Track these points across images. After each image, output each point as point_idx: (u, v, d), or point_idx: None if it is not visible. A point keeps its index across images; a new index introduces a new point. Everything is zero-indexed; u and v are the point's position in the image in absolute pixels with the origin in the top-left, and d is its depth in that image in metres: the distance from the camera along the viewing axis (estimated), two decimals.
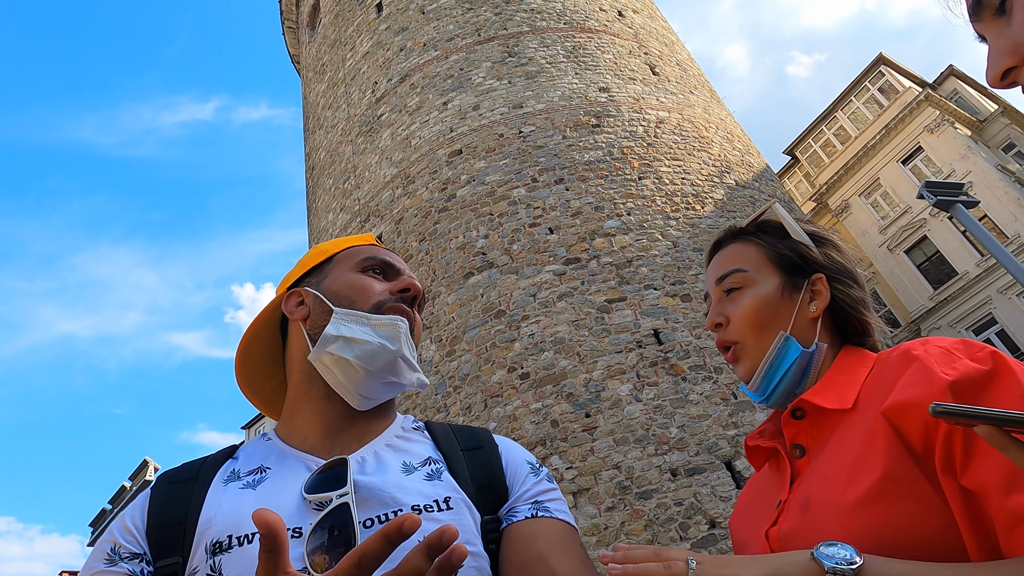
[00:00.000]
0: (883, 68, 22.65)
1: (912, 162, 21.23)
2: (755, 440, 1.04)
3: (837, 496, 0.82)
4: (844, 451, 0.85)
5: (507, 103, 11.21)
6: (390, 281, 1.01)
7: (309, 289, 1.00)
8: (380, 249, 1.05)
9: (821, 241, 1.09)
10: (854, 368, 0.96)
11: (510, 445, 1.01)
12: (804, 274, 1.05)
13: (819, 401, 0.92)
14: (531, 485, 0.94)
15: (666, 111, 11.49)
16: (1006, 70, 0.59)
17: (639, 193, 9.83)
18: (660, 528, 6.86)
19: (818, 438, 0.93)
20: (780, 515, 0.91)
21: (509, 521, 0.89)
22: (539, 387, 8.08)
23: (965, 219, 6.82)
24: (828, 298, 1.03)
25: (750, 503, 1.05)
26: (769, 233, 1.10)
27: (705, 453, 7.31)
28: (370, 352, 0.91)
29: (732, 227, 1.14)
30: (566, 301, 8.67)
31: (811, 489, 0.87)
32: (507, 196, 9.96)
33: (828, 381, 0.96)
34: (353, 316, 0.94)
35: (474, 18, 12.82)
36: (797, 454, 0.95)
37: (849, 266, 1.07)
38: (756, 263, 1.06)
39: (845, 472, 0.83)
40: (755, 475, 1.09)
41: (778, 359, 0.99)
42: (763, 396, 1.01)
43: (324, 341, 0.92)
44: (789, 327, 1.00)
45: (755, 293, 1.03)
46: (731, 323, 1.04)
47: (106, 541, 0.83)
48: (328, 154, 14.31)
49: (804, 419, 0.95)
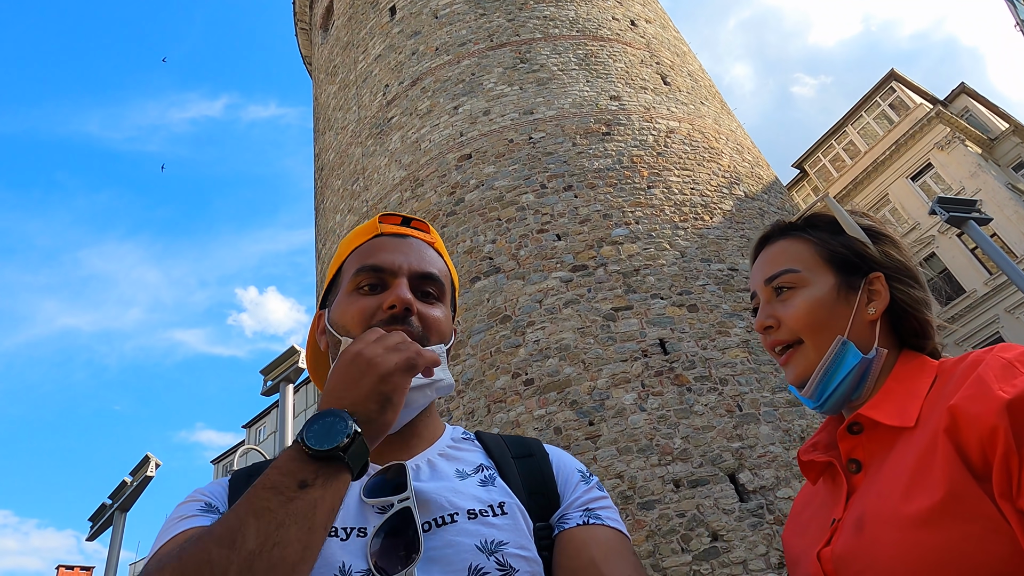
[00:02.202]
0: (894, 84, 22.63)
1: (921, 179, 21.17)
2: (809, 454, 0.99)
3: (893, 517, 0.77)
4: (903, 470, 0.80)
5: (518, 109, 11.22)
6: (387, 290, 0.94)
7: (327, 313, 1.00)
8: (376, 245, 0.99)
9: (878, 237, 1.02)
10: (915, 378, 0.90)
11: (560, 453, 1.01)
12: (860, 273, 0.98)
13: (878, 417, 0.87)
14: (582, 492, 0.94)
15: (677, 121, 11.48)
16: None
17: (648, 202, 9.81)
18: (662, 539, 6.81)
19: (876, 453, 0.88)
20: (834, 534, 0.86)
21: (561, 528, 0.89)
22: (543, 394, 8.04)
23: (977, 236, 6.78)
24: (887, 299, 0.97)
25: (803, 516, 0.99)
26: (821, 228, 1.03)
27: (709, 465, 7.25)
28: None
29: (780, 222, 1.08)
30: (572, 308, 8.64)
31: (867, 508, 0.82)
32: (515, 202, 9.95)
33: (887, 393, 0.90)
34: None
35: (487, 23, 12.85)
36: (853, 469, 0.90)
37: (910, 264, 1.01)
38: (808, 261, 1.00)
39: (902, 491, 0.78)
40: (807, 486, 1.04)
41: (835, 365, 0.93)
42: (818, 403, 0.96)
43: None
44: (847, 331, 0.94)
45: (809, 295, 0.97)
46: (783, 325, 0.98)
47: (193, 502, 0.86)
48: (337, 155, 14.34)
49: (861, 434, 0.90)
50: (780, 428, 7.67)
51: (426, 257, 0.99)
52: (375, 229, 1.02)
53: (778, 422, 7.71)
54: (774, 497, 7.08)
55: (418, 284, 0.95)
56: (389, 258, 0.96)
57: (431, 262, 0.99)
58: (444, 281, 1.00)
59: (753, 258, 1.09)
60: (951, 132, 20.69)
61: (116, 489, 8.46)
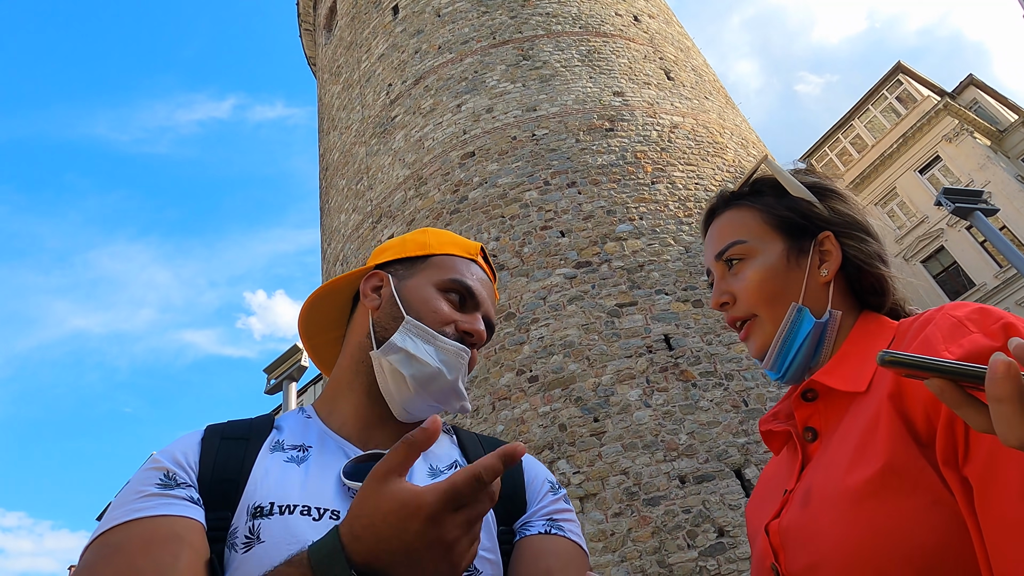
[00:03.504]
0: (901, 76, 22.46)
1: (930, 171, 21.01)
2: (768, 424, 0.95)
3: (836, 490, 0.74)
4: (850, 439, 0.77)
5: (521, 106, 11.20)
6: (465, 312, 0.98)
7: (391, 281, 0.99)
8: (474, 270, 1.03)
9: (824, 192, 0.97)
10: (871, 340, 0.87)
11: (533, 461, 1.01)
12: (810, 234, 0.94)
13: (830, 382, 0.84)
14: (549, 502, 0.94)
15: (680, 116, 11.43)
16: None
17: (652, 198, 9.78)
18: (667, 535, 6.78)
19: (831, 421, 0.84)
20: (783, 507, 0.84)
21: (523, 534, 0.89)
22: (547, 391, 8.03)
23: (984, 227, 6.71)
24: (839, 257, 0.93)
25: (763, 489, 0.97)
26: (765, 193, 0.99)
27: (714, 460, 7.22)
28: (427, 375, 0.91)
29: (724, 192, 1.04)
30: (576, 305, 8.62)
31: (814, 480, 0.80)
32: (519, 199, 9.94)
33: (843, 357, 0.87)
34: (421, 330, 0.93)
35: (489, 21, 12.84)
36: (809, 438, 0.87)
37: (859, 217, 0.96)
38: (755, 230, 0.96)
39: (846, 462, 0.75)
40: (772, 459, 1.00)
41: (791, 333, 0.90)
42: (779, 373, 0.93)
43: (388, 348, 0.92)
44: (800, 296, 0.91)
45: (759, 264, 0.94)
46: (738, 300, 0.95)
47: (155, 469, 0.79)
48: (342, 155, 14.37)
49: (816, 400, 0.87)
50: None
51: (492, 311, 1.05)
52: (475, 255, 1.06)
53: None
54: None
55: None
56: (481, 292, 1.01)
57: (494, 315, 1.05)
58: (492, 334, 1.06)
59: (704, 233, 1.06)
60: (959, 124, 20.52)
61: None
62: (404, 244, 1.05)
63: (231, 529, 0.77)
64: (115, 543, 0.70)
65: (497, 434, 7.98)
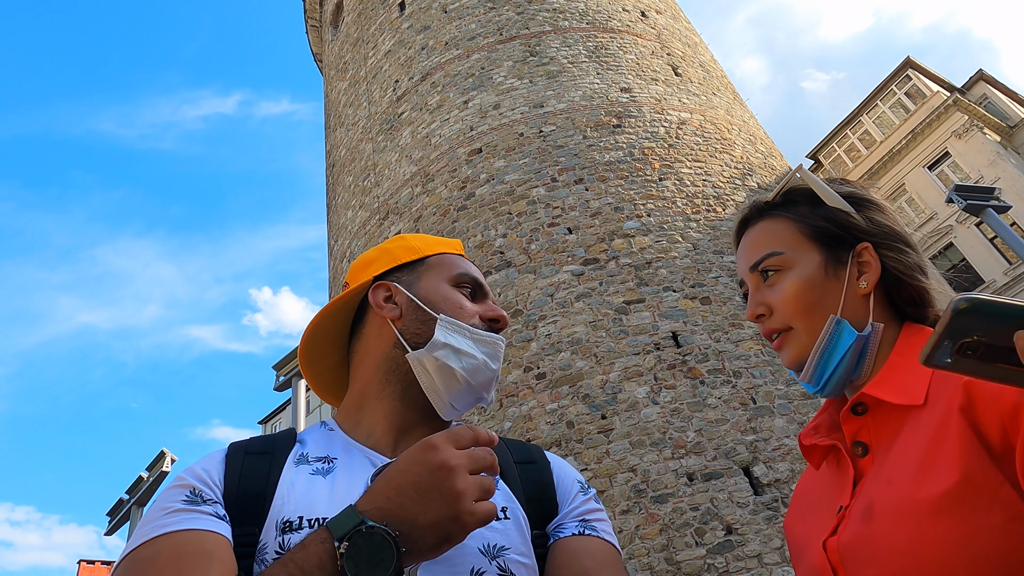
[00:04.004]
0: (910, 72, 22.30)
1: (939, 167, 20.87)
2: (811, 438, 0.93)
3: (905, 505, 0.72)
4: (913, 453, 0.76)
5: (528, 102, 11.18)
6: (478, 302, 1.01)
7: (401, 288, 0.99)
8: (471, 265, 1.06)
9: (861, 203, 0.95)
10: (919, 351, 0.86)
11: (561, 462, 1.01)
12: (847, 245, 0.92)
13: (884, 395, 0.82)
14: (580, 503, 0.94)
15: (688, 112, 11.38)
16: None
17: (659, 194, 9.75)
18: (675, 533, 6.77)
19: (883, 435, 0.82)
20: (840, 523, 0.81)
21: (556, 537, 0.89)
22: (555, 388, 8.03)
23: (995, 224, 6.66)
24: (879, 269, 0.91)
25: (806, 503, 0.94)
26: (800, 203, 0.97)
27: (722, 458, 7.21)
28: (475, 366, 0.93)
29: (757, 202, 1.02)
30: (584, 302, 8.61)
31: (875, 495, 0.77)
32: (526, 195, 9.92)
33: (891, 369, 0.85)
34: (456, 326, 0.94)
35: (496, 17, 12.81)
36: (859, 452, 0.85)
37: (897, 228, 0.94)
38: (791, 241, 0.94)
39: (912, 476, 0.73)
40: (809, 471, 0.98)
41: (830, 346, 0.88)
42: (817, 387, 0.91)
43: (433, 346, 0.92)
44: (839, 309, 0.89)
45: (796, 276, 0.92)
46: (774, 312, 0.93)
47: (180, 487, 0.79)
48: (348, 151, 14.37)
49: (866, 414, 0.85)
50: (795, 421, 7.60)
51: None
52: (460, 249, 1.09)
53: (793, 415, 7.64)
54: (789, 490, 7.02)
55: None
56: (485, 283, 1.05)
57: None
58: None
59: (736, 243, 1.04)
60: (969, 120, 20.37)
61: (133, 484, 8.58)
62: (392, 253, 1.05)
63: (260, 545, 0.77)
64: (145, 558, 0.70)
65: (504, 431, 7.98)
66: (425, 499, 0.67)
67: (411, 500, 0.67)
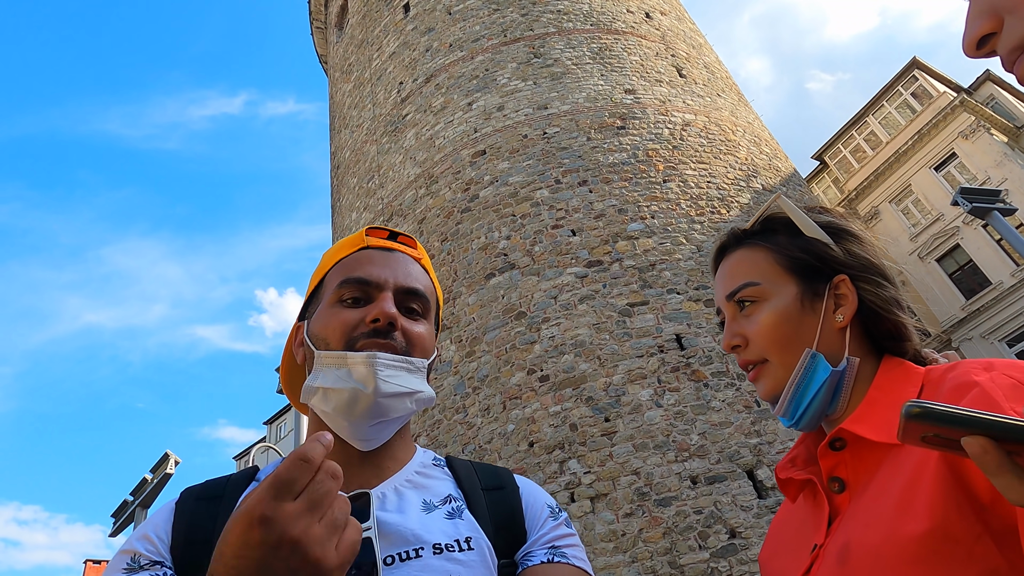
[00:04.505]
0: (917, 72, 22.19)
1: (945, 168, 20.76)
2: (787, 471, 0.92)
3: (883, 548, 0.70)
4: (890, 494, 0.74)
5: (532, 104, 11.17)
6: (372, 302, 0.92)
7: (305, 325, 0.96)
8: (363, 257, 0.97)
9: (840, 234, 0.94)
10: (899, 387, 0.83)
11: (531, 487, 0.98)
12: (825, 277, 0.91)
13: (862, 432, 0.81)
14: (549, 529, 0.91)
15: (692, 114, 11.36)
16: (982, 37, 0.52)
17: (664, 196, 9.73)
18: (679, 536, 6.76)
19: (861, 472, 0.81)
20: (814, 562, 0.80)
21: (525, 565, 0.86)
22: (558, 390, 8.02)
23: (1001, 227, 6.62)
24: (856, 302, 0.90)
25: (781, 537, 0.93)
26: (778, 232, 0.96)
27: (726, 461, 7.19)
28: (347, 400, 0.86)
29: (736, 229, 1.00)
30: (587, 304, 8.60)
31: (852, 536, 0.75)
32: (530, 197, 9.92)
33: (871, 404, 0.83)
34: (330, 358, 0.88)
35: (500, 19, 12.81)
36: (836, 489, 0.84)
37: (875, 260, 0.93)
38: (767, 272, 0.93)
39: (889, 519, 0.72)
40: (786, 504, 0.96)
41: (805, 380, 0.87)
42: (792, 420, 0.90)
43: (306, 393, 0.90)
44: (815, 342, 0.88)
45: (772, 308, 0.91)
46: (750, 343, 0.92)
47: (124, 553, 0.80)
48: (353, 153, 14.40)
49: (844, 450, 0.84)
50: None
51: (412, 272, 0.97)
52: (361, 242, 1.00)
53: None
54: None
55: (403, 299, 0.94)
56: (375, 271, 0.94)
57: (416, 278, 0.97)
58: (429, 297, 0.98)
59: (714, 269, 1.03)
60: (976, 120, 20.25)
61: (137, 486, 8.61)
62: (311, 282, 1.02)
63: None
64: None
65: (508, 433, 7.98)
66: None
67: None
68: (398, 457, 0.94)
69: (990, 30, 0.53)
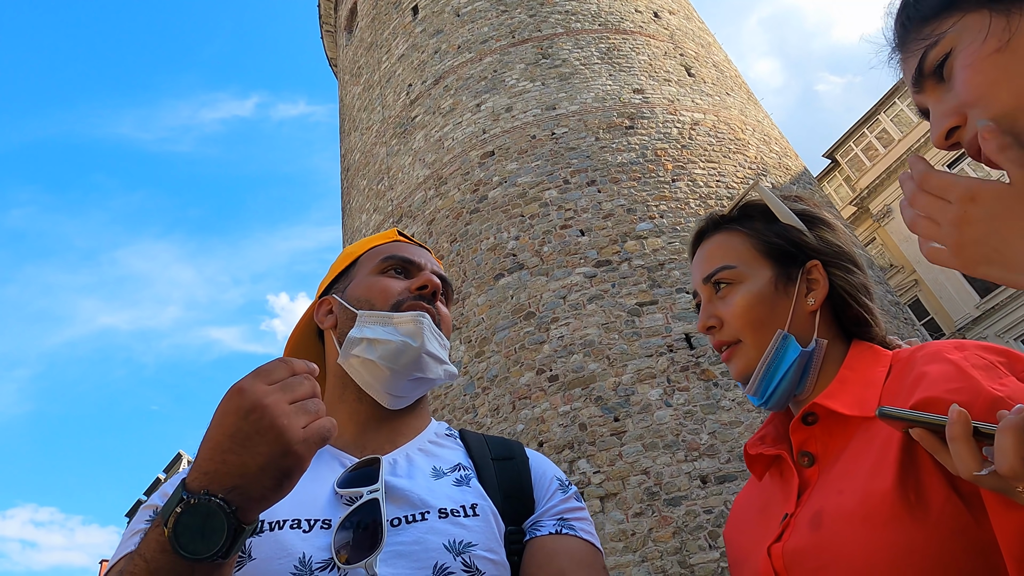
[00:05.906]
0: None
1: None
2: (757, 447, 0.95)
3: (858, 512, 0.73)
4: (863, 463, 0.77)
5: (540, 105, 11.19)
6: (411, 278, 1.02)
7: (335, 296, 1.02)
8: (401, 245, 1.07)
9: (813, 221, 0.99)
10: (869, 367, 0.87)
11: (541, 459, 1.01)
12: (798, 262, 0.95)
13: (835, 406, 0.84)
14: (558, 501, 0.93)
15: (701, 113, 11.33)
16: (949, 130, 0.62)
17: (672, 195, 9.71)
18: (689, 536, 6.74)
19: (831, 446, 0.84)
20: (785, 530, 0.83)
21: (533, 535, 0.88)
22: (568, 390, 8.02)
23: None
24: (827, 287, 0.94)
25: (747, 513, 0.96)
26: (755, 218, 1.00)
27: (736, 460, 7.16)
28: (393, 350, 0.92)
29: (713, 215, 1.05)
30: (596, 304, 8.60)
31: (825, 503, 0.79)
32: (538, 198, 9.93)
33: (843, 382, 0.87)
34: (375, 317, 0.95)
35: (508, 20, 12.84)
36: (805, 463, 0.87)
37: (846, 248, 0.97)
38: (744, 255, 0.97)
39: (863, 485, 0.75)
40: (752, 482, 1.00)
41: (776, 360, 0.90)
42: (762, 399, 0.93)
43: (349, 344, 0.94)
44: (787, 324, 0.92)
45: (746, 290, 0.94)
46: (725, 324, 0.95)
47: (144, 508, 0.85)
48: (363, 155, 14.47)
49: (815, 425, 0.87)
50: None
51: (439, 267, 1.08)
52: (394, 235, 1.10)
53: None
54: None
55: None
56: (418, 257, 1.05)
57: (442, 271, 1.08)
58: (451, 288, 1.09)
59: (692, 254, 1.06)
60: None
61: (150, 486, 8.70)
62: (333, 266, 1.09)
63: None
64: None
65: (517, 433, 8.00)
66: (247, 446, 0.61)
67: (232, 453, 0.61)
68: (414, 425, 0.98)
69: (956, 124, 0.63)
